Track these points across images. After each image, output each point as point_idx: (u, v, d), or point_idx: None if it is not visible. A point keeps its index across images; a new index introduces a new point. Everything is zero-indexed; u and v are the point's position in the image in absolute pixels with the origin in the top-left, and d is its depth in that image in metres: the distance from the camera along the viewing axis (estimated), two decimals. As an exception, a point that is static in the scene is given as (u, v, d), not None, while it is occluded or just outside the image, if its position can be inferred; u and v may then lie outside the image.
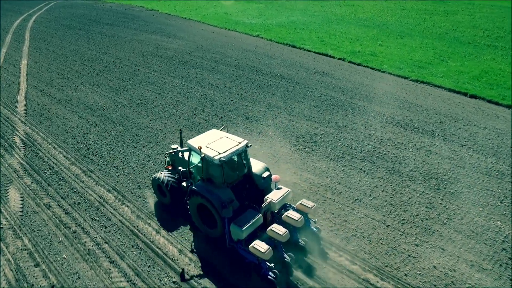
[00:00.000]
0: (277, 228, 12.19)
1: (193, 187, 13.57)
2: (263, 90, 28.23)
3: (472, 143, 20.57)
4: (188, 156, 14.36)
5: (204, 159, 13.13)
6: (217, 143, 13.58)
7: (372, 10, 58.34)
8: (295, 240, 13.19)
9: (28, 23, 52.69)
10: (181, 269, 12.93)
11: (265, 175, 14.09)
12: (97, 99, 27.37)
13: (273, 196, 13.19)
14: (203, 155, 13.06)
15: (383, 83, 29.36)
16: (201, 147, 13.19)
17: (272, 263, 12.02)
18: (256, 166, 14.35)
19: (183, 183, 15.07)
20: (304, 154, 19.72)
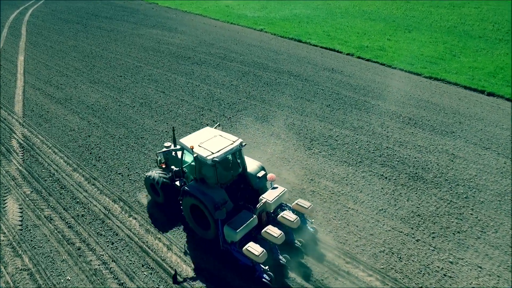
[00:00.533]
0: (271, 230, 11.87)
1: (185, 187, 13.11)
2: (271, 88, 27.03)
3: (496, 146, 19.48)
4: (180, 155, 13.93)
5: (196, 159, 12.72)
6: (210, 142, 13.13)
7: (377, 3, 56.89)
8: (291, 241, 12.88)
9: (24, 16, 51.09)
10: (174, 270, 12.46)
11: (260, 174, 13.63)
12: (98, 98, 26.12)
13: (268, 196, 12.80)
14: (195, 155, 12.63)
15: (395, 80, 28.18)
16: (193, 146, 12.70)
17: (267, 266, 11.69)
18: (251, 166, 13.91)
19: (177, 182, 14.55)
20: (321, 159, 18.60)
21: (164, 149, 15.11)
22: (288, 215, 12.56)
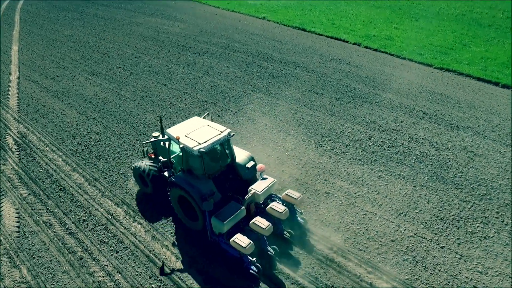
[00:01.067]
0: (260, 222, 11.72)
1: (172, 178, 12.91)
2: (277, 80, 25.95)
3: (516, 142, 18.61)
4: (168, 145, 13.63)
5: (183, 149, 12.46)
6: (197, 132, 12.88)
7: (381, -11, 55.30)
8: (280, 232, 12.77)
9: (17, 3, 49.42)
10: (161, 262, 12.29)
11: (249, 165, 13.37)
12: (97, 91, 25.00)
13: (257, 187, 12.70)
14: (182, 146, 12.37)
15: (405, 72, 27.15)
16: (179, 137, 12.45)
17: (254, 258, 11.56)
18: (240, 156, 13.61)
19: (165, 173, 14.34)
20: (333, 157, 17.68)
21: (152, 139, 14.78)
22: (277, 206, 12.35)
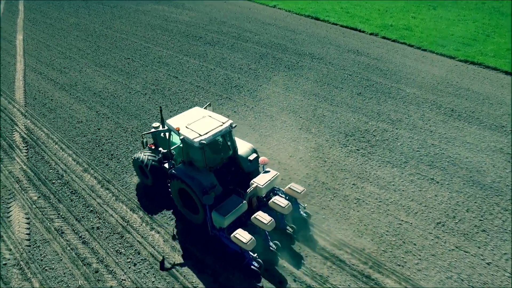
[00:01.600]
0: (261, 216, 11.30)
1: (172, 171, 12.53)
2: (293, 72, 24.76)
3: (554, 143, 17.48)
4: (168, 136, 13.15)
5: (183, 141, 12.10)
6: (198, 123, 12.43)
7: (395, -24, 53.49)
8: (282, 227, 12.38)
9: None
10: (162, 257, 12.04)
11: (251, 157, 12.97)
12: (106, 84, 23.91)
13: (259, 181, 12.36)
14: (182, 137, 12.01)
15: (428, 64, 25.88)
16: (179, 128, 12.01)
17: (256, 253, 11.23)
18: (243, 148, 13.18)
19: (165, 165, 13.88)
20: (360, 158, 16.62)
21: (153, 129, 14.35)
22: (279, 200, 11.92)
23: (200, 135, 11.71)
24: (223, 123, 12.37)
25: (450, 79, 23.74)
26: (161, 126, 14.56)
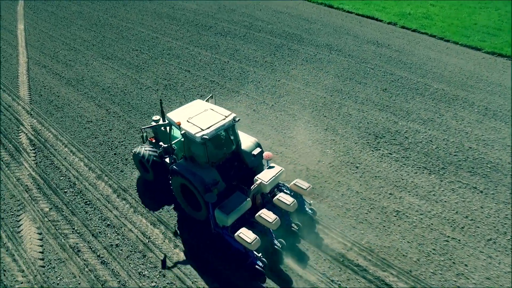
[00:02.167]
0: (266, 215, 10.93)
1: (174, 166, 12.11)
2: (312, 66, 23.42)
3: None
4: (169, 130, 12.74)
5: (184, 136, 11.59)
6: (200, 117, 11.96)
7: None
8: (287, 225, 11.96)
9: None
10: (163, 254, 11.64)
11: (255, 152, 12.52)
12: (114, 78, 22.59)
13: (263, 177, 11.88)
14: (183, 132, 11.50)
15: (453, 57, 24.52)
16: (180, 122, 11.52)
17: (260, 253, 10.82)
18: (246, 142, 12.74)
19: (166, 159, 13.44)
20: (393, 163, 15.47)
21: (153, 123, 13.99)
22: (284, 197, 11.53)
23: (202, 130, 11.27)
24: (226, 116, 11.89)
25: (479, 73, 22.42)
26: (161, 120, 14.09)
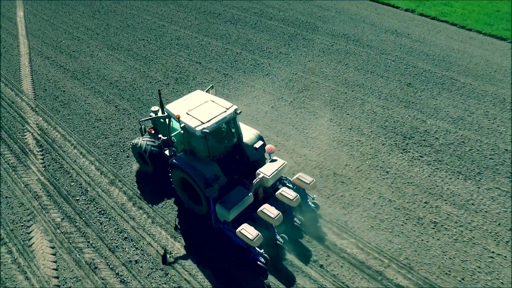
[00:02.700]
0: (268, 210, 10.67)
1: (173, 160, 11.80)
2: (330, 58, 22.24)
3: None
4: (168, 122, 12.32)
5: (184, 129, 11.27)
6: (200, 109, 11.57)
7: None
8: (289, 219, 11.82)
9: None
10: (163, 249, 11.36)
11: (257, 145, 12.22)
12: (122, 71, 21.44)
13: (265, 171, 11.59)
14: (182, 125, 11.17)
15: (477, 47, 23.33)
16: (179, 115, 11.14)
17: (262, 249, 10.68)
18: (248, 135, 12.38)
19: (166, 152, 13.14)
20: (426, 168, 14.52)
21: (152, 114, 13.71)
22: (287, 192, 11.26)
23: (202, 123, 10.92)
24: (227, 108, 11.51)
25: (507, 65, 21.29)
26: (160, 111, 13.63)
